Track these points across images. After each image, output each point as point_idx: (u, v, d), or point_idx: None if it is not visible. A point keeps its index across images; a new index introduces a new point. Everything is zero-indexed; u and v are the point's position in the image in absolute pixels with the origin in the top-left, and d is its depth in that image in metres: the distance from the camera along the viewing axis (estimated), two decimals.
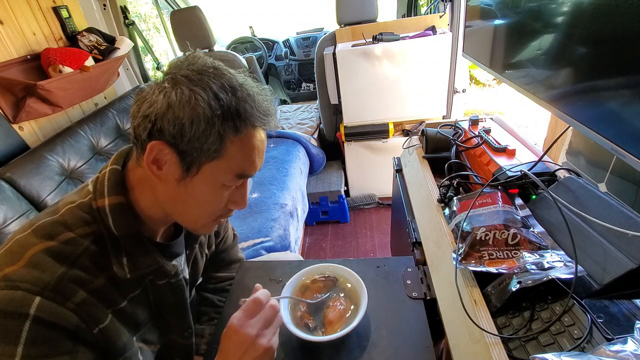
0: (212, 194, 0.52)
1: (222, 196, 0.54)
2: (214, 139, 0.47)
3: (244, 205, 0.57)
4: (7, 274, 0.44)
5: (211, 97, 0.46)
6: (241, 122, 0.48)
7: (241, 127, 0.48)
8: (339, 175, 2.37)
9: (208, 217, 0.56)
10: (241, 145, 0.49)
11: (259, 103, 0.50)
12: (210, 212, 0.55)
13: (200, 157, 0.48)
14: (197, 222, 0.56)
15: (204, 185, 0.51)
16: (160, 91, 0.47)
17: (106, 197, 0.51)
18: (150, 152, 0.47)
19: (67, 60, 1.36)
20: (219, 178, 0.51)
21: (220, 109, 0.46)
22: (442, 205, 0.76)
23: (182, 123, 0.46)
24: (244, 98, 0.49)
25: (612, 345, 0.38)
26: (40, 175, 1.19)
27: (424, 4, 2.45)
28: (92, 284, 0.48)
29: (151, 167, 0.49)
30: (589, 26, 0.55)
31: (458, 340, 0.55)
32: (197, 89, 0.46)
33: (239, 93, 0.48)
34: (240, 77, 0.51)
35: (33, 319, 0.42)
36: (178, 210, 0.54)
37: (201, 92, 0.46)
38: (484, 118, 1.04)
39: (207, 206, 0.54)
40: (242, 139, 0.49)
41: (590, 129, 0.56)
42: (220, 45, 3.29)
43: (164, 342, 0.63)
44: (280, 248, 1.43)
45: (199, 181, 0.50)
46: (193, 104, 0.45)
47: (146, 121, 0.47)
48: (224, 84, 0.48)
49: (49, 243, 0.47)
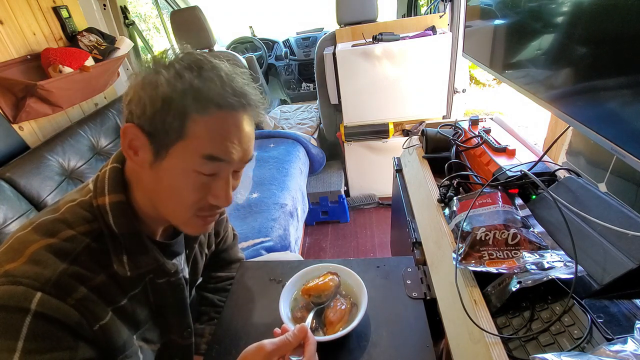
0: (183, 180, 0.49)
1: (195, 184, 0.50)
2: (174, 117, 0.46)
3: (226, 200, 0.52)
4: (8, 270, 0.44)
5: (172, 75, 0.46)
6: (205, 101, 0.46)
7: (206, 107, 0.46)
8: (339, 175, 2.37)
9: (185, 210, 0.52)
10: (207, 126, 0.47)
11: (229, 83, 0.48)
12: (185, 203, 0.51)
13: (165, 137, 0.47)
14: (177, 215, 0.53)
15: (174, 169, 0.49)
16: (132, 76, 0.49)
17: (107, 195, 0.52)
18: (124, 136, 0.48)
19: (67, 60, 1.36)
20: (188, 162, 0.48)
21: (180, 87, 0.45)
22: (442, 205, 0.76)
23: (143, 103, 0.46)
24: (210, 77, 0.47)
25: (612, 345, 0.38)
26: (40, 175, 1.19)
27: (424, 4, 2.45)
28: (93, 281, 0.49)
29: (128, 152, 0.49)
30: (589, 26, 0.55)
31: (458, 340, 0.55)
32: (160, 69, 0.47)
33: (206, 73, 0.47)
34: (216, 61, 0.50)
35: (34, 314, 0.42)
36: (158, 200, 0.53)
37: (163, 72, 0.46)
38: (484, 118, 1.04)
39: (181, 195, 0.51)
40: (209, 119, 0.47)
41: (590, 129, 0.56)
42: (220, 45, 3.28)
43: (164, 342, 0.64)
44: (280, 248, 1.43)
45: (169, 165, 0.48)
46: (153, 82, 0.46)
47: (125, 109, 0.49)
48: (190, 64, 0.47)
49: (49, 240, 0.47)
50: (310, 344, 0.54)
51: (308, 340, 0.54)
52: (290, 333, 0.54)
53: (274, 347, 0.51)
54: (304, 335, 0.54)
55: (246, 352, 0.51)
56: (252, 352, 0.51)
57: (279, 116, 2.85)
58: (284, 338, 0.53)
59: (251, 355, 0.51)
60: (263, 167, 1.97)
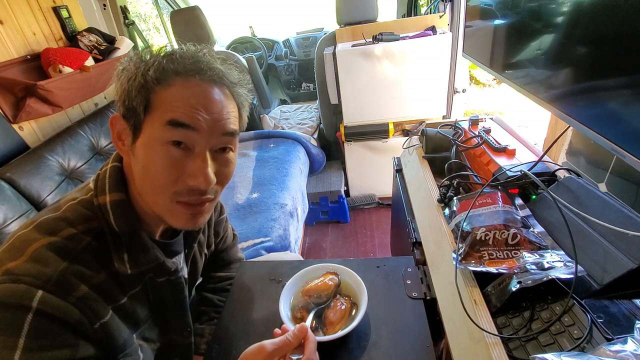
0: (154, 155, 0.48)
1: (166, 158, 0.48)
2: (138, 92, 0.48)
3: (205, 180, 0.49)
4: (10, 268, 0.44)
5: (139, 59, 0.49)
6: (166, 73, 0.48)
7: (167, 78, 0.48)
8: (339, 175, 2.37)
9: (163, 193, 0.50)
10: (169, 94, 0.48)
11: (192, 56, 0.50)
12: (161, 183, 0.49)
13: (136, 115, 0.49)
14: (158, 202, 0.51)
15: (145, 145, 0.49)
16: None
17: (107, 193, 0.52)
18: (112, 128, 0.51)
19: (67, 60, 1.36)
20: (154, 132, 0.48)
21: (144, 65, 0.48)
22: (442, 205, 0.76)
23: (117, 89, 0.50)
24: (168, 55, 0.49)
25: (612, 345, 0.38)
26: (40, 175, 1.19)
27: (424, 4, 2.45)
28: (94, 279, 0.49)
29: (117, 143, 0.52)
30: (589, 26, 0.55)
31: (458, 340, 0.55)
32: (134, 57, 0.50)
33: (169, 52, 0.50)
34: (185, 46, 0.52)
35: (35, 311, 0.42)
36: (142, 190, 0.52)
37: (134, 58, 0.50)
38: (484, 118, 1.04)
39: (155, 174, 0.49)
40: (171, 88, 0.48)
41: (590, 129, 0.56)
42: (220, 45, 3.28)
43: (164, 341, 0.64)
44: (280, 248, 1.43)
45: (141, 142, 0.49)
46: (125, 69, 0.49)
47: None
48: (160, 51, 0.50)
49: (50, 238, 0.47)
50: (310, 342, 0.54)
51: (308, 339, 0.54)
52: (290, 333, 0.54)
53: (274, 347, 0.51)
54: (304, 334, 0.54)
55: (247, 353, 0.51)
56: (253, 352, 0.51)
57: (279, 116, 2.85)
58: (284, 338, 0.53)
59: (252, 355, 0.51)
60: (263, 167, 1.97)
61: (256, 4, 5.79)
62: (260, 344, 0.52)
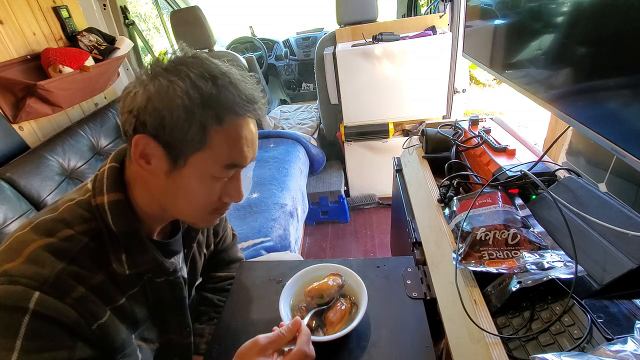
0: (202, 186, 0.51)
1: (214, 188, 0.52)
2: (196, 129, 0.46)
3: (239, 197, 0.56)
4: (7, 270, 0.44)
5: (189, 86, 0.45)
6: (223, 111, 0.47)
7: (224, 116, 0.47)
8: (339, 175, 2.37)
9: (202, 210, 0.55)
10: (226, 135, 0.48)
11: (243, 90, 0.49)
12: (203, 205, 0.54)
13: (185, 148, 0.47)
14: (194, 215, 0.56)
15: (193, 177, 0.50)
16: (140, 84, 0.47)
17: (105, 194, 0.52)
18: (135, 147, 0.47)
19: (67, 60, 1.36)
20: (208, 169, 0.50)
21: (199, 98, 0.46)
22: (442, 205, 0.76)
23: (162, 115, 0.45)
24: (225, 86, 0.47)
25: (612, 345, 0.38)
26: (40, 175, 1.19)
27: (424, 4, 2.45)
28: (91, 280, 0.49)
29: (139, 161, 0.49)
30: (589, 26, 0.55)
31: (458, 340, 0.55)
32: (175, 79, 0.46)
33: (220, 81, 0.47)
34: (224, 66, 0.50)
35: (32, 313, 0.42)
36: (172, 204, 0.54)
37: (179, 82, 0.45)
38: (484, 118, 1.04)
39: (199, 199, 0.53)
40: (227, 128, 0.48)
41: (590, 129, 0.56)
42: (220, 45, 3.28)
43: (163, 341, 0.64)
44: (280, 248, 1.43)
45: (188, 173, 0.49)
46: (171, 94, 0.45)
47: (130, 116, 0.47)
48: (203, 72, 0.47)
49: (48, 240, 0.47)
50: (303, 335, 0.54)
51: (301, 332, 0.54)
52: (284, 327, 0.55)
53: (268, 340, 0.52)
54: (297, 328, 0.55)
55: (242, 348, 0.52)
56: (248, 347, 0.52)
57: (279, 116, 2.85)
58: (278, 332, 0.54)
59: (246, 349, 0.51)
60: (263, 167, 1.97)
61: (256, 4, 5.80)
62: (254, 339, 0.52)
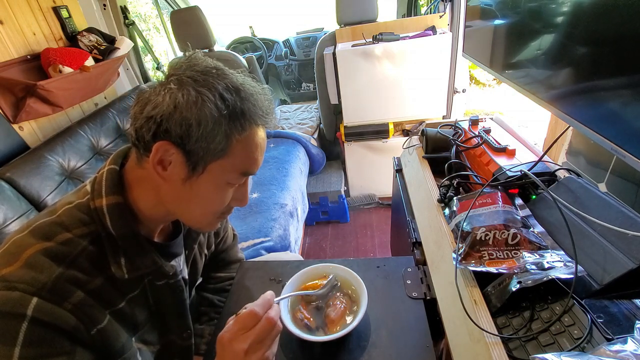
0: (217, 193, 0.53)
1: (227, 194, 0.54)
2: (221, 138, 0.48)
3: (245, 202, 0.59)
4: (4, 275, 0.44)
5: (217, 98, 0.47)
6: (245, 121, 0.49)
7: (245, 126, 0.50)
8: (339, 175, 2.37)
9: (212, 215, 0.57)
10: (245, 144, 0.51)
11: (261, 102, 0.52)
12: (215, 210, 0.56)
13: (206, 156, 0.49)
14: (202, 220, 0.57)
15: (210, 184, 0.52)
16: (166, 92, 0.47)
17: (104, 197, 0.51)
18: (156, 153, 0.47)
19: (67, 60, 1.36)
20: (225, 177, 0.52)
21: (226, 109, 0.47)
22: (442, 205, 0.76)
23: (189, 123, 0.46)
24: (247, 97, 0.50)
25: (612, 345, 0.38)
26: (40, 175, 1.19)
27: (424, 4, 2.45)
28: (90, 285, 0.48)
29: (156, 167, 0.49)
30: (589, 26, 0.55)
31: (458, 340, 0.55)
32: (203, 89, 0.47)
33: (242, 93, 0.49)
34: (240, 77, 0.51)
35: (30, 319, 0.42)
36: (182, 209, 0.55)
37: (207, 93, 0.46)
38: (484, 118, 1.04)
39: (212, 205, 0.55)
40: (246, 137, 0.50)
41: (590, 129, 0.56)
42: (220, 45, 3.28)
43: (163, 343, 0.63)
44: (280, 248, 1.43)
45: (205, 180, 0.51)
46: (200, 104, 0.46)
47: (150, 122, 0.47)
48: (227, 84, 0.48)
49: (46, 244, 0.47)
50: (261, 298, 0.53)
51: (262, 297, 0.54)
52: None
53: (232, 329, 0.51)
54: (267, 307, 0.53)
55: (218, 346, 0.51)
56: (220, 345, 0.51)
57: (279, 116, 2.85)
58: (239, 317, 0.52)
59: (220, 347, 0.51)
60: (263, 167, 1.97)
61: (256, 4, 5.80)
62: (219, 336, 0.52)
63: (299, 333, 0.63)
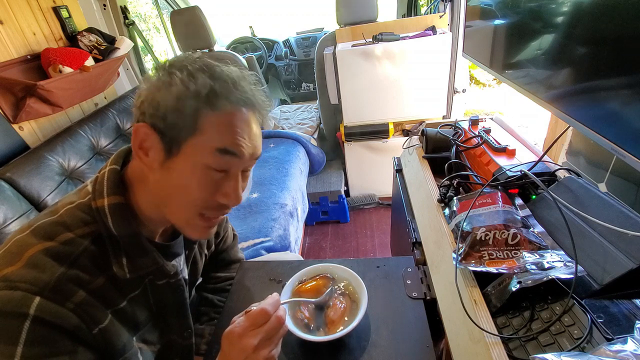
0: (193, 176, 0.50)
1: (205, 179, 0.50)
2: (187, 113, 0.48)
3: (236, 199, 0.53)
4: (6, 275, 0.44)
5: (185, 75, 0.48)
6: (217, 98, 0.48)
7: (217, 103, 0.48)
8: (339, 175, 2.37)
9: (191, 208, 0.52)
10: (219, 122, 0.49)
11: (238, 83, 0.51)
12: (194, 200, 0.51)
13: (177, 134, 0.48)
14: (182, 216, 0.53)
15: (185, 165, 0.49)
16: (145, 80, 0.50)
17: (105, 197, 0.51)
18: (135, 136, 0.49)
19: (67, 60, 1.36)
20: (199, 156, 0.49)
21: (194, 86, 0.47)
22: (442, 205, 0.76)
23: (157, 102, 0.48)
24: (222, 78, 0.49)
25: (612, 345, 0.38)
26: (40, 175, 1.19)
27: (424, 4, 2.45)
28: (92, 284, 0.48)
29: (138, 153, 0.50)
30: (589, 26, 0.55)
31: (458, 340, 0.55)
32: (174, 70, 0.49)
33: (217, 74, 0.49)
34: (225, 66, 0.52)
35: (33, 319, 0.42)
36: (163, 202, 0.53)
37: (177, 73, 0.48)
38: (484, 118, 1.04)
39: (189, 192, 0.51)
40: (220, 115, 0.49)
41: (590, 129, 0.56)
42: (220, 45, 3.28)
43: (164, 342, 0.63)
44: (280, 248, 1.43)
45: (181, 161, 0.49)
46: (167, 83, 0.48)
47: (137, 111, 0.50)
48: (202, 66, 0.49)
49: (48, 243, 0.47)
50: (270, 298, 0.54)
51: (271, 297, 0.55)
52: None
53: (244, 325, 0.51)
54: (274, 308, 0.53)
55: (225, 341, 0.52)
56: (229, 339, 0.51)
57: (279, 116, 2.85)
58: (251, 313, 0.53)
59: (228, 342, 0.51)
60: (263, 167, 1.97)
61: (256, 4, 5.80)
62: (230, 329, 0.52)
63: (300, 333, 0.63)
